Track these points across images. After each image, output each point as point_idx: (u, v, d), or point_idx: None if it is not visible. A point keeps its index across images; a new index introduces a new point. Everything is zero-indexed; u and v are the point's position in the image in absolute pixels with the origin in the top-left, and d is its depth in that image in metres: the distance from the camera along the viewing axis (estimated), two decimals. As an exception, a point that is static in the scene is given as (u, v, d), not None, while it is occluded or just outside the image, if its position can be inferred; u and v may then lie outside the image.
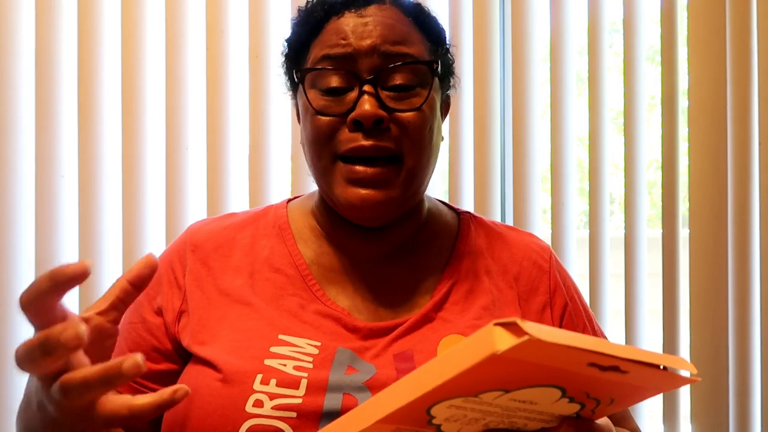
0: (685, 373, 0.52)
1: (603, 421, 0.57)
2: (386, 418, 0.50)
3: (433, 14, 0.90)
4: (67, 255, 1.66)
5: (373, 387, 0.76)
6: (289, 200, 0.94)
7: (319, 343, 0.78)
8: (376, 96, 0.79)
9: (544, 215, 1.69)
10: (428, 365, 0.48)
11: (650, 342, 1.60)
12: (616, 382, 0.49)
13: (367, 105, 0.79)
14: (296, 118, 0.90)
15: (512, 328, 0.43)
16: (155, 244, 1.65)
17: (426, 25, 0.86)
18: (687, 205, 1.57)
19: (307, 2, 0.88)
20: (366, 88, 0.80)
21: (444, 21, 1.65)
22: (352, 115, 0.79)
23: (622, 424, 0.90)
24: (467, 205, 1.64)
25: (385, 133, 0.80)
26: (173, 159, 1.66)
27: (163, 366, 0.83)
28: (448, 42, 0.91)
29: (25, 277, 1.66)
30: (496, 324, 0.43)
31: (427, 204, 0.93)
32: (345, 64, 0.81)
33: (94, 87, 1.66)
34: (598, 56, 1.60)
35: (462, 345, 0.45)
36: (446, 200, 1.63)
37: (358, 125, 0.79)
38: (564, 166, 1.62)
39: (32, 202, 1.66)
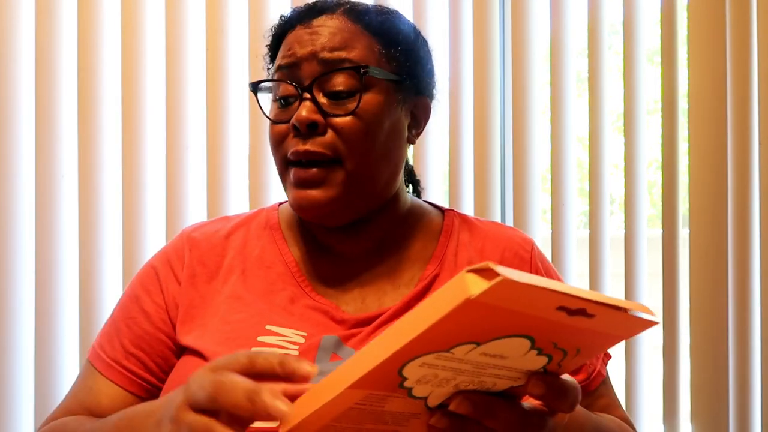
0: (646, 317, 0.53)
1: (569, 378, 0.58)
2: (358, 383, 0.50)
3: (392, 17, 0.90)
4: (67, 255, 1.66)
5: None
6: (281, 203, 0.98)
7: (305, 333, 0.82)
8: (313, 101, 0.83)
9: (544, 215, 1.69)
10: (401, 321, 0.48)
11: (650, 341, 1.60)
12: (583, 328, 0.50)
13: (303, 111, 0.82)
14: None
15: (484, 273, 0.44)
16: (155, 244, 1.65)
17: (379, 29, 0.87)
18: (687, 205, 1.57)
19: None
20: (305, 94, 0.83)
21: (444, 21, 1.67)
22: (291, 120, 0.83)
23: (610, 412, 0.91)
24: (467, 205, 1.64)
25: (320, 138, 0.83)
26: (173, 159, 1.66)
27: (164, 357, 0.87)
28: (418, 43, 0.91)
29: (25, 277, 1.65)
30: (469, 271, 0.45)
31: (409, 202, 0.95)
32: (291, 73, 0.85)
33: (94, 87, 1.66)
34: (598, 57, 1.60)
35: (435, 295, 0.46)
36: (446, 200, 1.65)
37: (297, 131, 0.83)
38: (564, 166, 1.62)
39: (32, 202, 1.66)
